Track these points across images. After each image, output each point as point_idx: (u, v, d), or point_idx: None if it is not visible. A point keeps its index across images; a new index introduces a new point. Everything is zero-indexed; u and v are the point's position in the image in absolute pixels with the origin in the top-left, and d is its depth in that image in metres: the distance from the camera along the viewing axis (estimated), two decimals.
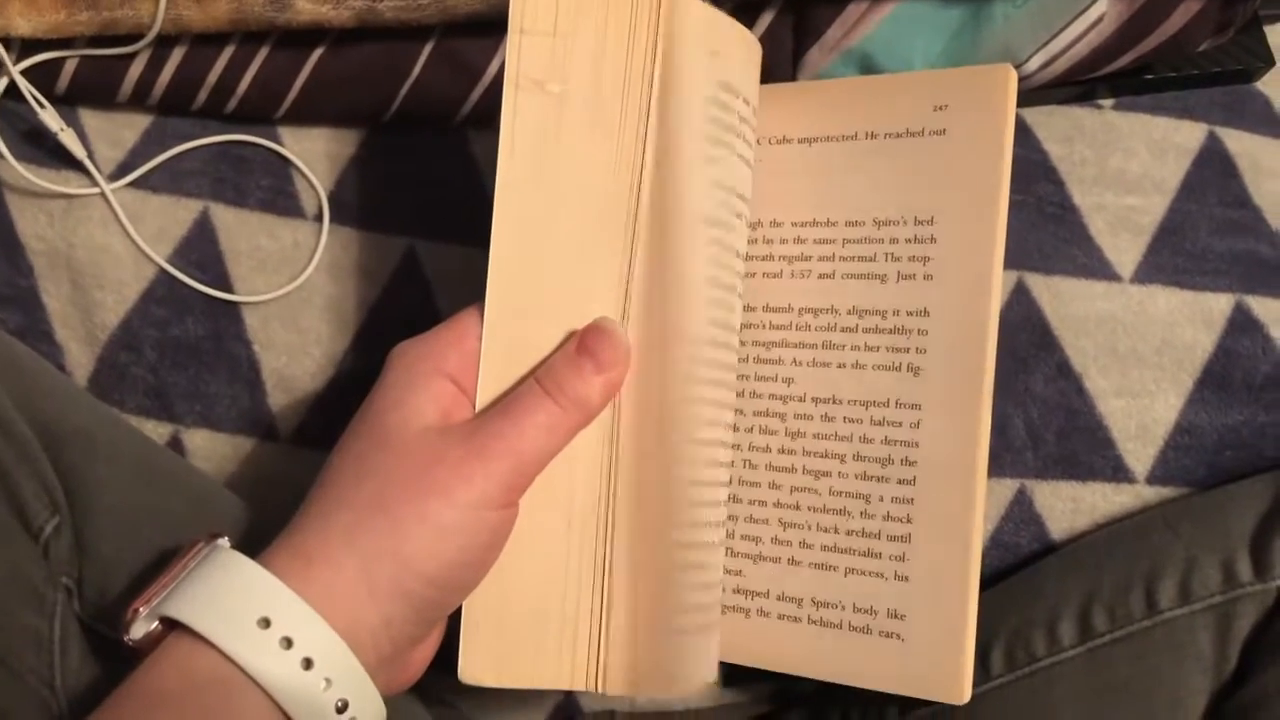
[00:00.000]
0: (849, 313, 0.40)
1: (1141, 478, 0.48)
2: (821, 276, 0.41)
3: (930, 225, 0.40)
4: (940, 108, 0.40)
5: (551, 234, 0.36)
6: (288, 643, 0.31)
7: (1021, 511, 0.48)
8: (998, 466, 0.48)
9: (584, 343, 0.35)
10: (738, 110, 0.39)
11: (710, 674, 0.38)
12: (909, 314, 0.39)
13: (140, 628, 0.32)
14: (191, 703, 0.30)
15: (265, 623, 0.31)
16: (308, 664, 0.31)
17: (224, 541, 0.35)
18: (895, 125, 0.41)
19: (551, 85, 0.36)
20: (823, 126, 0.42)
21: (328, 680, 0.31)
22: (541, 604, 0.36)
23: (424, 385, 0.35)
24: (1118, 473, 0.48)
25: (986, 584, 0.48)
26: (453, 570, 0.33)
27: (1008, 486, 0.48)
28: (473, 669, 0.36)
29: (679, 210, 0.37)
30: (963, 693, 0.37)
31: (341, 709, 0.32)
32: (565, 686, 0.36)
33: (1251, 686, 0.39)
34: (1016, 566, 0.48)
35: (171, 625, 0.32)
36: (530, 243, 0.36)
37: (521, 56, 0.36)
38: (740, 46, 0.40)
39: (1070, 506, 0.48)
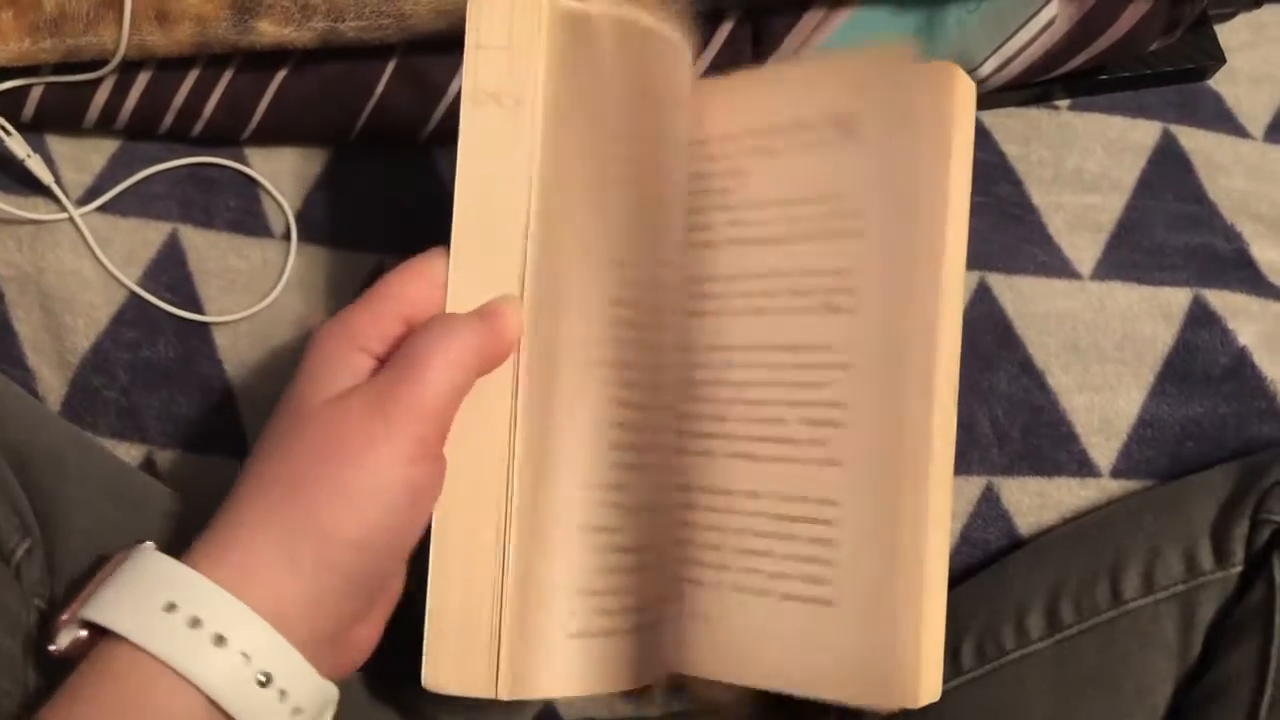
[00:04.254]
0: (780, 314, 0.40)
1: (1106, 471, 0.49)
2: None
3: (860, 218, 0.39)
4: (856, 90, 0.39)
5: (506, 244, 0.37)
6: (216, 637, 0.30)
7: (989, 508, 0.49)
8: (964, 464, 0.49)
9: (485, 309, 0.36)
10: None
11: (625, 681, 0.38)
12: (838, 297, 0.39)
13: (65, 637, 0.32)
14: (119, 704, 0.30)
15: (190, 620, 0.30)
16: (220, 640, 0.30)
17: (148, 545, 0.34)
18: (815, 113, 0.40)
19: (506, 99, 0.37)
20: (744, 120, 0.42)
21: (259, 668, 0.31)
22: (476, 609, 0.36)
23: (341, 360, 0.35)
24: (1083, 467, 0.49)
25: (956, 580, 0.48)
26: (376, 533, 0.33)
27: (975, 484, 0.49)
28: (435, 676, 0.36)
29: (567, 214, 0.37)
30: (894, 699, 0.36)
31: (264, 683, 0.31)
32: (487, 694, 0.36)
33: (1215, 671, 0.40)
34: (986, 562, 0.49)
35: (100, 632, 0.31)
36: (487, 251, 0.37)
37: (479, 71, 0.37)
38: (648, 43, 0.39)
39: (1037, 502, 0.49)
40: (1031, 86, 0.52)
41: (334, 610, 0.33)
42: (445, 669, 0.36)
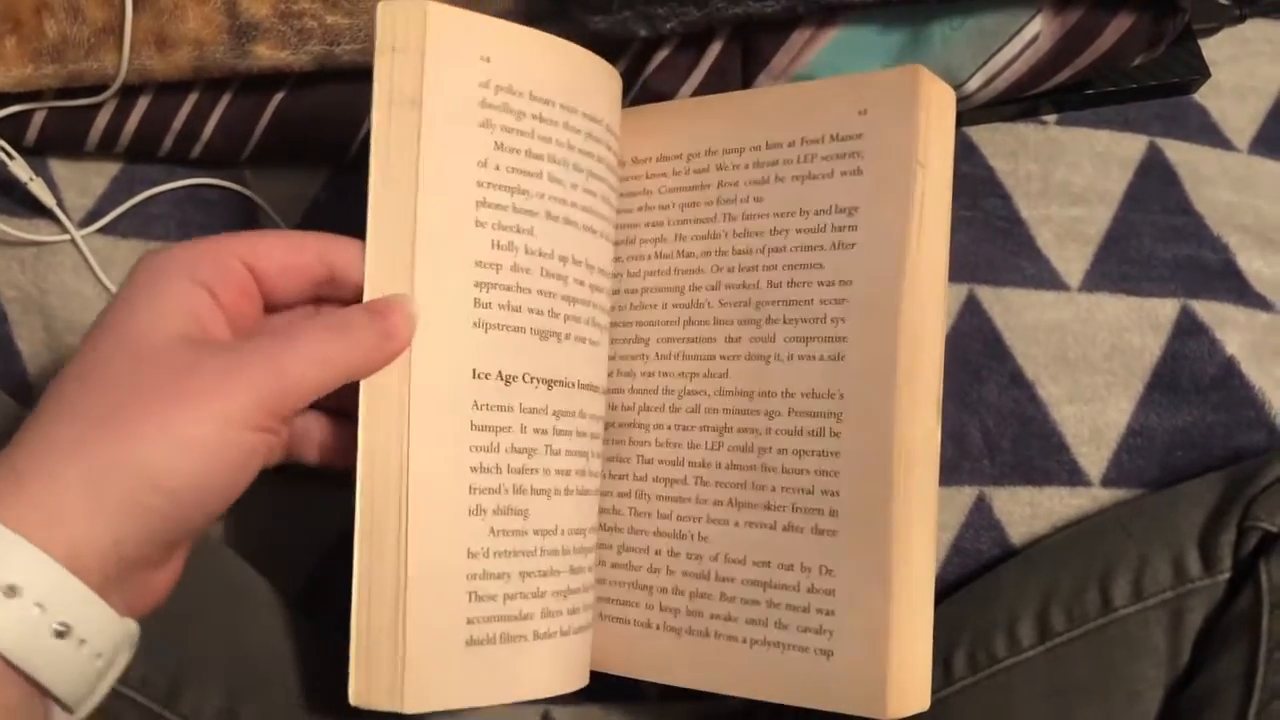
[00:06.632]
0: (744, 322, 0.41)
1: (1096, 480, 0.49)
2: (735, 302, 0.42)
3: (853, 230, 0.40)
4: (862, 112, 0.40)
5: (406, 244, 0.37)
6: (8, 588, 0.27)
7: (981, 518, 0.49)
8: (956, 475, 0.49)
9: (378, 305, 0.35)
10: (525, 110, 0.39)
11: (537, 688, 0.38)
12: (828, 307, 0.40)
13: None
14: None
15: None
16: (11, 591, 0.27)
17: None
18: (813, 132, 0.41)
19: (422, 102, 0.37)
20: (735, 138, 0.43)
21: (56, 619, 0.28)
22: (383, 623, 0.36)
23: (173, 288, 0.33)
24: (1073, 476, 0.50)
25: (949, 590, 0.49)
26: (197, 488, 0.31)
27: (967, 494, 0.50)
28: (360, 693, 0.36)
29: (435, 219, 0.37)
30: (884, 708, 0.36)
31: (62, 634, 0.28)
32: (394, 709, 0.36)
33: (1204, 678, 0.40)
34: (978, 571, 0.49)
35: None
36: (401, 255, 0.37)
37: (394, 75, 0.37)
38: (539, 53, 0.39)
39: (1028, 511, 0.49)
40: (1018, 101, 0.53)
41: (131, 555, 0.30)
42: (363, 685, 0.36)
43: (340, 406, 0.37)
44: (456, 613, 0.36)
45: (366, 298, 0.36)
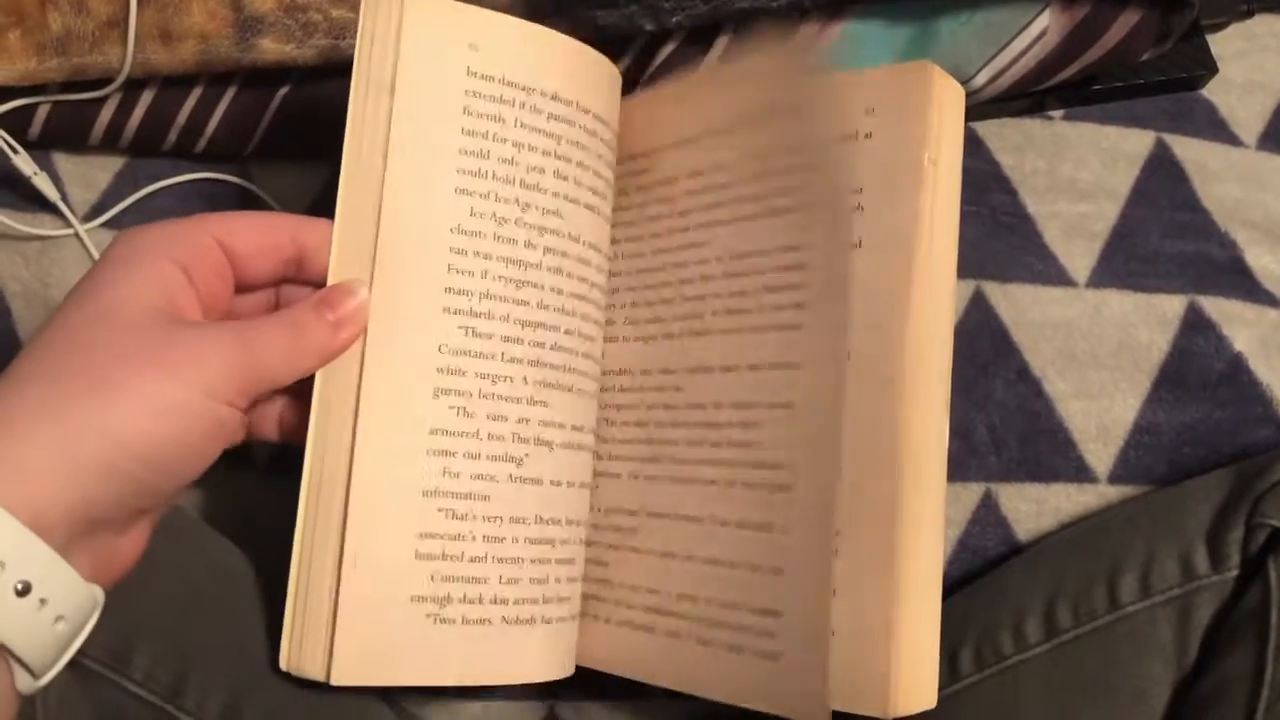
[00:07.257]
0: (729, 313, 0.40)
1: (1104, 477, 0.49)
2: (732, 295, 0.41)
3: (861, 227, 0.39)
4: (870, 111, 0.40)
5: (369, 230, 0.37)
6: None
7: (988, 514, 0.49)
8: (962, 471, 0.49)
9: (326, 297, 0.36)
10: (507, 98, 0.39)
11: (491, 675, 0.38)
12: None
13: None
14: None
15: None
16: None
17: None
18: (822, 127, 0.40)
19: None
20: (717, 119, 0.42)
21: (17, 576, 0.28)
22: (319, 593, 0.37)
23: (149, 265, 0.33)
24: (1080, 473, 0.49)
25: (955, 586, 0.49)
26: (168, 455, 0.31)
27: (973, 491, 0.49)
28: (286, 656, 0.37)
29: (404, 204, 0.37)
30: (888, 706, 0.36)
31: (23, 591, 0.28)
32: (320, 678, 0.36)
33: (1211, 676, 0.40)
34: (984, 568, 0.49)
35: None
36: (364, 240, 0.37)
37: (371, 61, 0.37)
38: (527, 43, 0.40)
39: (1035, 508, 0.49)
40: (1025, 97, 0.53)
41: (98, 516, 0.30)
42: (293, 650, 0.37)
43: (299, 385, 0.37)
44: (405, 590, 0.36)
45: (330, 279, 0.37)
